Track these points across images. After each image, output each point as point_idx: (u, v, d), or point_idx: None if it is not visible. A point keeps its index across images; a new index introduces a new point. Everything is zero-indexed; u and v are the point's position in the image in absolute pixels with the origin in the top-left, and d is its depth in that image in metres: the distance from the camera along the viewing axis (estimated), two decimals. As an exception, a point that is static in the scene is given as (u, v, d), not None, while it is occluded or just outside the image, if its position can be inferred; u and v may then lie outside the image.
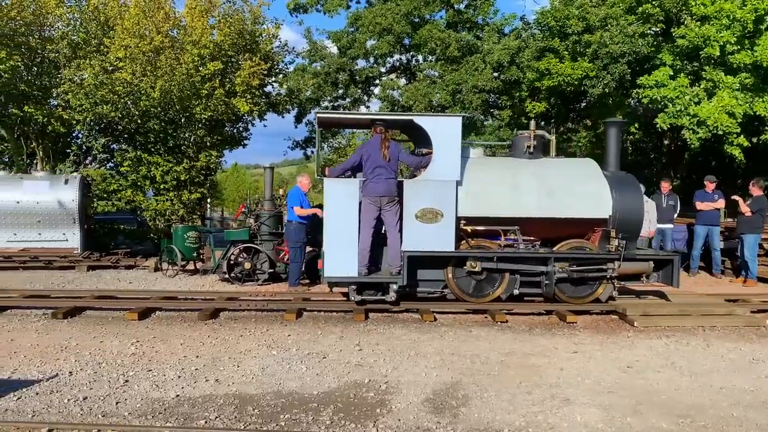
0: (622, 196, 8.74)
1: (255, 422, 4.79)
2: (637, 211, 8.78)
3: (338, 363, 6.31)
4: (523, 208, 8.60)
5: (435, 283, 8.80)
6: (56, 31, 16.61)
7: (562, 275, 8.58)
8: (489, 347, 6.98)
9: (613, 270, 8.59)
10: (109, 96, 14.82)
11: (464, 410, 5.07)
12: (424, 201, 8.31)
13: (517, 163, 9.14)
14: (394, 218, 8.31)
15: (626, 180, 9.07)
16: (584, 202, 8.69)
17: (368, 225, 8.28)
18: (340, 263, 8.27)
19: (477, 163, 8.95)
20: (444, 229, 8.32)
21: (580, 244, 8.95)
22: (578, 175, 9.00)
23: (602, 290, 8.88)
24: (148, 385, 5.59)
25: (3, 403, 5.10)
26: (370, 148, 8.34)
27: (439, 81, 19.44)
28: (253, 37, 17.47)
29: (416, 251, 8.32)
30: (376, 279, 8.46)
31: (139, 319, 8.08)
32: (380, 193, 8.22)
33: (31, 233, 13.47)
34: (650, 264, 8.76)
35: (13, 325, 7.72)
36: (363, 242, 8.29)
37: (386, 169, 8.25)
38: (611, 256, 8.61)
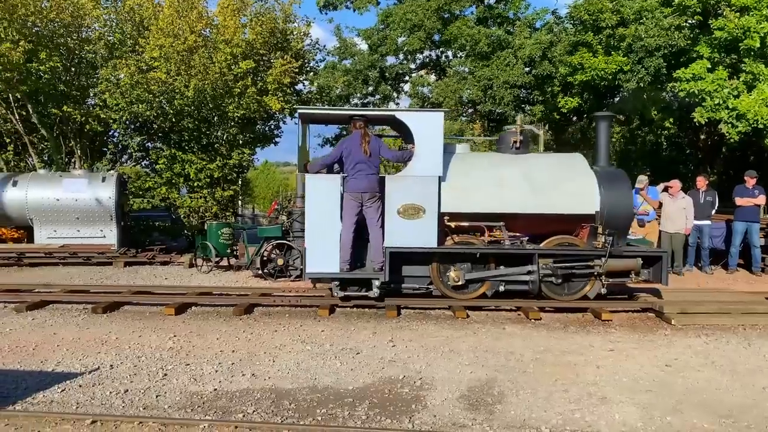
0: (610, 191, 8.52)
1: (292, 416, 4.85)
2: (625, 207, 8.58)
3: (372, 359, 6.34)
4: (507, 203, 8.47)
5: (421, 279, 8.74)
6: (93, 32, 16.95)
7: (547, 272, 8.45)
8: (523, 344, 6.93)
9: (599, 267, 8.45)
10: (144, 95, 15.08)
11: (500, 407, 5.05)
12: (406, 197, 8.24)
13: (502, 158, 9.05)
14: (375, 214, 8.30)
15: (615, 175, 8.82)
16: (569, 197, 8.51)
17: (350, 221, 8.27)
18: (321, 259, 8.28)
19: (461, 158, 8.87)
20: (426, 225, 8.25)
21: (568, 240, 8.79)
22: (564, 170, 8.82)
23: (590, 287, 8.69)
24: (187, 379, 5.69)
25: (48, 394, 5.25)
26: (351, 143, 8.32)
27: (469, 77, 19.32)
28: (285, 36, 17.59)
29: (398, 247, 8.28)
30: (356, 275, 8.45)
31: (175, 314, 8.22)
32: (361, 189, 8.22)
33: (71, 230, 13.78)
34: (638, 261, 8.48)
35: (55, 319, 7.93)
36: (344, 238, 8.28)
37: (367, 165, 8.23)
38: (597, 252, 8.42)
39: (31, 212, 13.53)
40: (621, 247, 8.61)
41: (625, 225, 8.70)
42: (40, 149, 18.15)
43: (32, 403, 5.05)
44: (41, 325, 7.58)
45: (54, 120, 16.75)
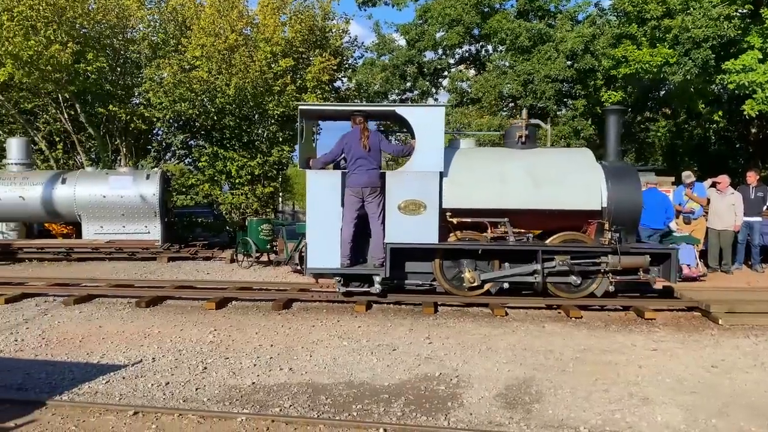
0: (618, 187, 8.30)
1: (328, 411, 4.87)
2: (633, 203, 8.32)
3: (408, 355, 6.32)
4: (510, 199, 8.32)
5: (424, 275, 8.66)
6: (138, 33, 17.38)
7: (552, 269, 8.27)
8: (563, 343, 6.81)
9: (606, 264, 8.20)
10: (186, 94, 15.39)
11: (537, 406, 4.97)
12: (406, 192, 8.18)
13: (506, 153, 8.87)
14: (377, 210, 8.24)
15: (624, 170, 8.58)
16: (574, 193, 8.31)
17: (350, 216, 8.23)
18: (322, 255, 8.28)
19: (465, 153, 8.76)
20: (427, 221, 8.17)
21: (575, 236, 8.59)
22: (570, 165, 8.61)
23: (597, 285, 8.46)
24: (226, 373, 5.78)
25: (93, 385, 5.40)
26: (351, 139, 8.29)
27: (509, 71, 19.08)
28: (323, 33, 17.71)
29: (398, 243, 8.21)
30: (357, 271, 8.40)
31: (216, 308, 8.36)
32: (362, 185, 8.17)
33: (116, 226, 14.17)
34: (646, 258, 8.21)
35: (101, 312, 8.16)
36: (345, 234, 8.25)
37: (367, 160, 8.19)
38: (603, 249, 8.21)
39: (79, 209, 13.96)
40: (629, 243, 8.36)
41: (634, 221, 8.43)
42: (88, 147, 18.71)
43: (78, 394, 5.20)
44: (88, 318, 7.81)
45: (100, 119, 17.25)
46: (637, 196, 8.38)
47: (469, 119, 21.26)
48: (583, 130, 19.00)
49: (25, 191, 13.77)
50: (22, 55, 14.04)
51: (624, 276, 8.29)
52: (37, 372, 5.72)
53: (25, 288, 9.31)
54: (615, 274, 8.28)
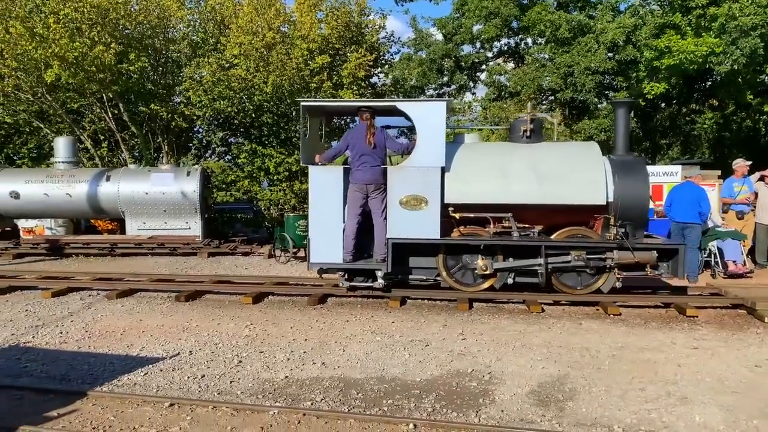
0: (624, 181, 8.09)
1: (359, 406, 4.89)
2: (641, 197, 8.09)
3: (441, 351, 6.30)
4: (513, 194, 8.19)
5: (428, 270, 8.62)
6: (178, 33, 17.72)
7: (557, 264, 8.11)
8: (600, 340, 6.68)
9: (611, 259, 7.99)
10: (225, 92, 15.61)
11: (571, 404, 4.89)
12: (408, 188, 8.15)
13: (510, 148, 8.75)
14: (380, 206, 8.27)
15: (632, 164, 8.33)
16: (578, 187, 8.12)
17: (354, 212, 8.28)
18: (325, 250, 8.34)
19: (468, 148, 8.65)
20: (429, 216, 8.13)
21: (580, 231, 8.43)
22: (574, 159, 8.43)
23: (603, 281, 8.27)
24: (260, 366, 5.87)
25: (132, 377, 5.55)
26: (356, 135, 8.34)
27: (549, 64, 18.79)
28: (360, 29, 17.70)
29: (400, 238, 8.20)
30: (359, 266, 8.44)
31: (253, 303, 8.49)
32: (366, 181, 8.20)
33: (158, 222, 14.50)
34: (653, 254, 7.98)
35: (142, 306, 8.37)
36: (348, 229, 8.30)
37: (372, 157, 8.21)
38: (608, 244, 8.03)
39: (123, 205, 14.33)
40: (637, 239, 8.16)
41: (642, 216, 8.20)
42: (131, 145, 19.19)
43: (118, 385, 5.36)
44: (129, 312, 8.03)
45: (143, 117, 17.66)
46: (645, 191, 8.15)
47: (507, 113, 21.03)
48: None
49: (71, 188, 14.20)
50: (68, 56, 14.46)
51: (631, 272, 8.12)
52: (80, 363, 5.92)
53: (70, 282, 9.62)
54: (622, 269, 8.11)
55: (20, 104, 16.78)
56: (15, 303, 8.49)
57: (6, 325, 7.32)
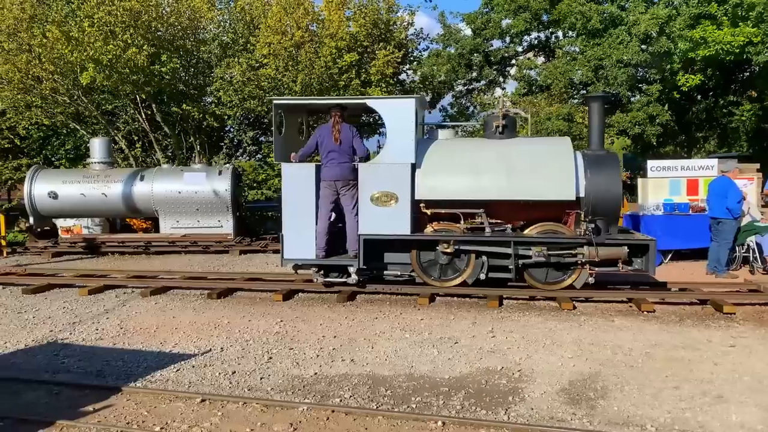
0: (596, 176, 8.03)
1: (387, 403, 4.90)
2: (613, 193, 8.03)
3: (470, 349, 6.26)
4: (484, 190, 8.17)
5: (403, 266, 8.64)
6: (208, 34, 17.96)
7: (527, 260, 8.10)
8: (632, 338, 6.56)
9: (582, 255, 7.91)
10: (255, 91, 15.79)
11: (602, 402, 4.82)
12: (378, 184, 8.20)
13: (482, 143, 8.75)
14: (350, 202, 8.36)
15: (604, 159, 8.22)
16: (547, 183, 8.07)
17: (325, 209, 8.40)
18: (298, 246, 8.44)
19: (440, 145, 8.68)
20: (399, 212, 8.18)
21: (553, 227, 8.36)
22: (545, 154, 8.37)
23: (576, 276, 8.22)
24: (290, 363, 5.92)
25: (165, 373, 5.65)
26: (324, 132, 8.42)
27: (580, 57, 18.51)
28: (388, 26, 17.72)
29: (371, 234, 8.25)
30: (331, 262, 8.51)
31: (283, 300, 8.56)
32: (334, 177, 8.30)
33: (191, 220, 14.73)
34: (623, 249, 7.91)
35: (175, 303, 8.51)
36: (320, 225, 8.39)
37: (338, 153, 8.29)
38: (577, 240, 7.97)
39: (157, 204, 14.60)
40: (611, 234, 8.11)
41: (614, 211, 8.16)
42: (164, 146, 19.53)
43: (151, 381, 5.46)
44: (162, 309, 8.17)
45: (175, 118, 17.96)
46: (616, 186, 8.08)
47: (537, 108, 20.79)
48: (658, 116, 18.18)
49: (107, 188, 14.52)
50: (102, 59, 14.78)
51: (603, 267, 8.06)
52: (115, 360, 6.05)
53: (106, 280, 9.84)
54: (594, 265, 8.06)
55: (57, 106, 17.20)
56: (53, 300, 8.72)
57: (45, 322, 7.53)
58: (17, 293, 9.18)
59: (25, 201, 14.58)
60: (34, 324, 7.46)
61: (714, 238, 9.96)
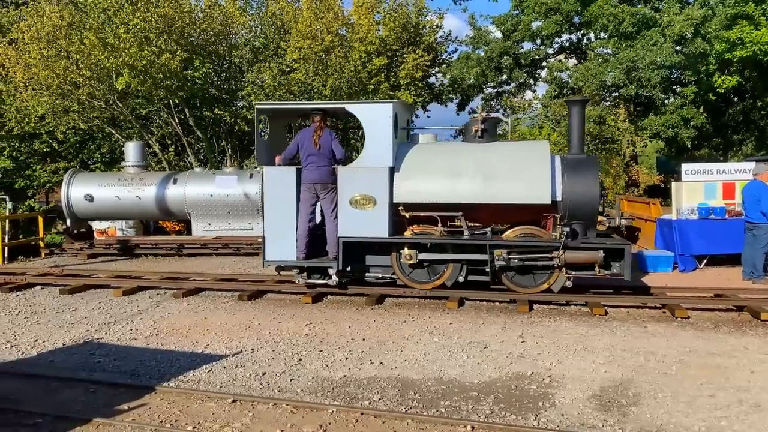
0: (573, 180, 8.06)
1: (416, 406, 4.90)
2: (590, 197, 8.03)
3: (500, 353, 6.23)
4: (462, 193, 8.24)
5: (385, 268, 8.75)
6: (240, 39, 18.21)
7: (502, 263, 8.13)
8: (666, 344, 6.45)
9: (558, 259, 7.91)
10: (285, 96, 15.95)
11: (635, 410, 4.74)
12: (357, 187, 8.31)
13: (461, 147, 8.87)
14: (330, 205, 8.50)
15: (582, 163, 8.25)
16: (524, 186, 8.11)
17: (305, 211, 8.53)
18: (280, 247, 8.58)
19: (419, 149, 8.77)
20: (377, 215, 8.27)
21: (531, 230, 8.40)
22: (522, 158, 8.41)
23: (554, 280, 8.20)
24: (319, 365, 5.96)
25: (197, 374, 5.74)
26: (304, 136, 8.57)
27: (612, 59, 18.27)
28: (417, 30, 17.74)
29: (350, 237, 8.36)
30: (311, 263, 8.64)
31: (312, 302, 8.62)
32: (313, 181, 8.45)
33: (222, 223, 14.90)
34: (598, 253, 7.88)
35: (206, 305, 8.64)
36: (300, 228, 8.52)
37: (317, 157, 8.41)
38: (552, 243, 8.00)
39: (189, 207, 14.79)
40: (588, 238, 8.12)
41: (592, 214, 8.16)
42: (196, 149, 19.84)
43: (183, 381, 5.56)
44: (194, 310, 8.30)
45: (207, 122, 18.24)
46: (593, 189, 8.07)
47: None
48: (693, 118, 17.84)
49: (141, 191, 14.77)
50: (137, 64, 15.10)
51: (581, 271, 8.07)
52: (148, 359, 6.17)
53: (140, 281, 10.04)
54: (571, 269, 8.07)
55: (94, 111, 17.60)
56: (89, 301, 8.92)
57: (81, 322, 7.71)
58: (55, 293, 9.42)
59: (62, 203, 14.93)
60: (71, 323, 7.65)
61: (748, 242, 9.74)
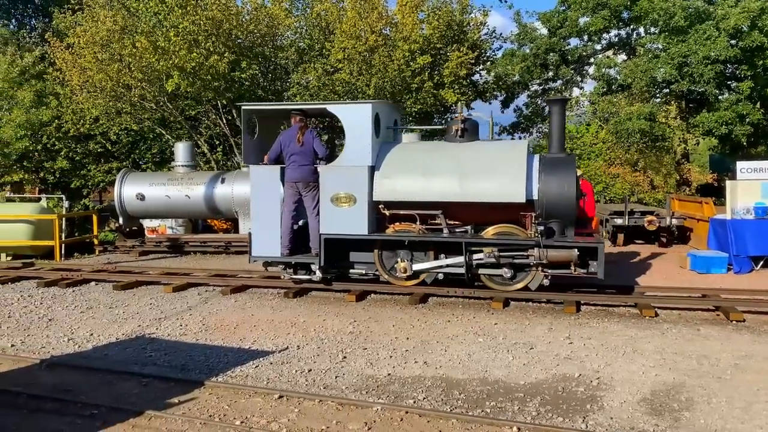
0: (550, 179, 8.15)
1: (461, 406, 4.88)
2: (566, 196, 8.07)
3: (546, 355, 6.14)
4: (440, 192, 8.40)
5: (368, 265, 9.00)
6: (286, 40, 18.43)
7: (480, 261, 8.31)
8: (720, 348, 6.25)
9: (534, 257, 8.04)
10: (330, 96, 16.07)
11: (687, 414, 4.61)
12: (337, 186, 8.55)
13: (440, 147, 9.05)
14: (312, 203, 8.77)
15: (559, 162, 8.32)
16: (499, 185, 8.21)
17: (289, 209, 8.83)
18: (266, 244, 8.90)
19: (401, 148, 9.02)
20: (358, 213, 8.50)
21: (509, 229, 8.52)
22: (499, 157, 8.53)
23: (531, 278, 8.33)
24: (363, 363, 5.99)
25: (244, 369, 5.85)
26: (288, 136, 8.84)
27: (662, 54, 17.78)
28: (461, 27, 17.62)
29: (331, 234, 8.59)
30: (295, 259, 8.94)
31: (356, 300, 8.68)
32: (296, 179, 8.73)
33: (268, 222, 15.14)
34: (573, 252, 7.92)
35: (253, 302, 8.79)
36: (285, 224, 8.83)
37: (300, 156, 8.67)
38: (527, 242, 8.11)
39: (236, 206, 15.08)
40: (566, 237, 8.18)
41: (568, 214, 8.17)
42: (244, 150, 20.13)
43: (231, 376, 5.67)
44: (242, 307, 8.46)
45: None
46: (570, 188, 8.08)
47: (616, 107, 20.14)
48: (749, 114, 17.21)
49: (190, 190, 15.14)
50: (186, 66, 15.45)
51: (558, 270, 8.15)
52: (198, 354, 6.31)
53: (189, 278, 10.28)
54: (548, 267, 8.15)
55: (145, 112, 18.10)
56: (141, 297, 9.19)
57: (134, 317, 7.95)
58: (108, 289, 9.74)
59: (115, 202, 15.43)
60: (124, 319, 7.89)
61: None
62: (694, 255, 10.78)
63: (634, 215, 13.89)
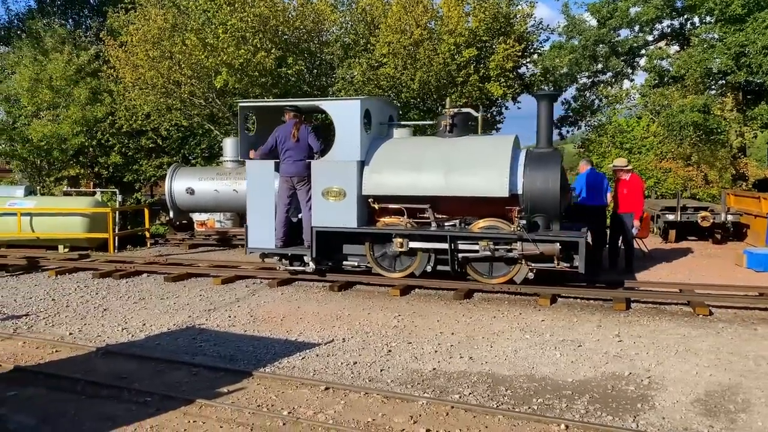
0: (535, 174, 8.24)
1: (507, 402, 4.84)
2: (549, 191, 8.14)
3: (595, 352, 6.03)
4: (427, 186, 8.56)
5: (360, 257, 9.28)
6: (331, 36, 18.52)
7: (466, 254, 8.48)
8: (779, 349, 6.02)
9: (517, 251, 8.13)
10: (375, 91, 16.08)
11: (744, 416, 4.46)
12: (328, 180, 8.79)
13: (429, 142, 9.26)
14: (305, 196, 9.04)
15: (545, 157, 8.37)
16: (483, 179, 8.32)
17: (283, 202, 9.12)
18: (261, 236, 9.23)
19: (392, 143, 9.20)
20: (347, 207, 8.73)
21: (495, 223, 8.58)
22: (485, 152, 8.62)
23: (516, 271, 8.44)
24: (408, 357, 6.00)
25: (291, 360, 5.93)
26: (283, 132, 9.05)
27: (718, 44, 17.14)
28: (508, 20, 17.35)
29: (322, 227, 8.86)
30: (287, 251, 9.24)
31: (400, 295, 8.70)
32: (290, 174, 8.98)
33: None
34: (555, 246, 7.99)
35: (299, 294, 8.91)
36: (279, 217, 9.15)
37: (295, 151, 8.91)
38: (510, 236, 8.17)
39: (282, 200, 15.32)
40: (551, 231, 8.25)
41: (552, 208, 8.21)
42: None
43: (278, 367, 5.76)
44: (288, 300, 8.58)
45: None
46: (554, 183, 8.12)
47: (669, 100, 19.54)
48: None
49: (237, 185, 15.35)
50: (234, 63, 15.71)
51: (542, 263, 8.21)
52: (246, 345, 6.44)
53: (238, 271, 10.48)
54: (533, 261, 8.24)
55: (194, 108, 18.49)
56: (191, 288, 9.42)
57: (184, 308, 8.16)
58: (160, 281, 10.02)
59: (165, 196, 15.83)
60: (175, 309, 8.10)
61: None
62: (750, 252, 10.40)
63: (686, 211, 13.49)
